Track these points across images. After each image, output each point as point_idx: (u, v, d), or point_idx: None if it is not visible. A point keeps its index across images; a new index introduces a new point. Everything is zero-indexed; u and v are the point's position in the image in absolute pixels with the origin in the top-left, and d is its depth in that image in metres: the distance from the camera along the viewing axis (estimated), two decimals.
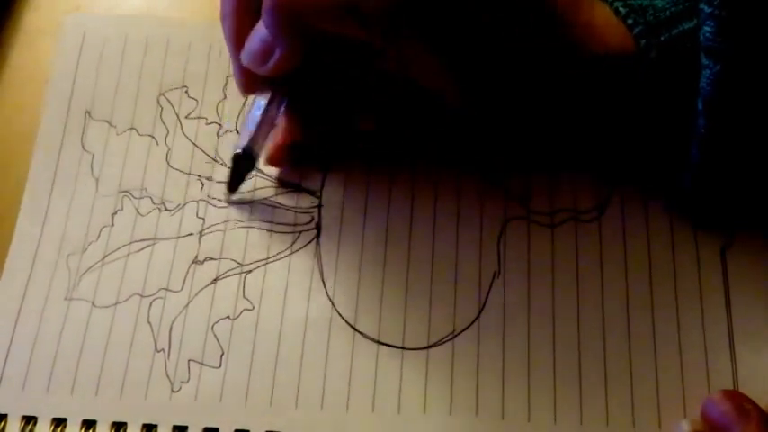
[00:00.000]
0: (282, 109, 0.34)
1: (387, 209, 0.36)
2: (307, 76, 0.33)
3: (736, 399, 0.31)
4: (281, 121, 0.35)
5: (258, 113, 0.33)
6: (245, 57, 0.32)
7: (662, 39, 0.30)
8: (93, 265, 0.36)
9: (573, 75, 0.31)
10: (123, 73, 0.40)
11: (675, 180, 0.33)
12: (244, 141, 0.34)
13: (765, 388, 0.32)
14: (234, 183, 0.36)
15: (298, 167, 0.37)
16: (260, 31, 0.31)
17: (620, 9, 0.31)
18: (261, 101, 0.34)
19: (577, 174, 0.36)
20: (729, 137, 0.30)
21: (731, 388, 0.32)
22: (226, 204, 0.37)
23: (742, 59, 0.28)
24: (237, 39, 0.33)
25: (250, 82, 0.34)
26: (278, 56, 0.31)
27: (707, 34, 0.29)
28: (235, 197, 0.37)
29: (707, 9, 0.28)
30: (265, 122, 0.34)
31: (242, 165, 0.35)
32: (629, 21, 0.31)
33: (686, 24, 0.30)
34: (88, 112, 0.39)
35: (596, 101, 0.32)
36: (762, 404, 0.31)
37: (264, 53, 0.31)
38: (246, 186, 0.37)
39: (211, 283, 0.35)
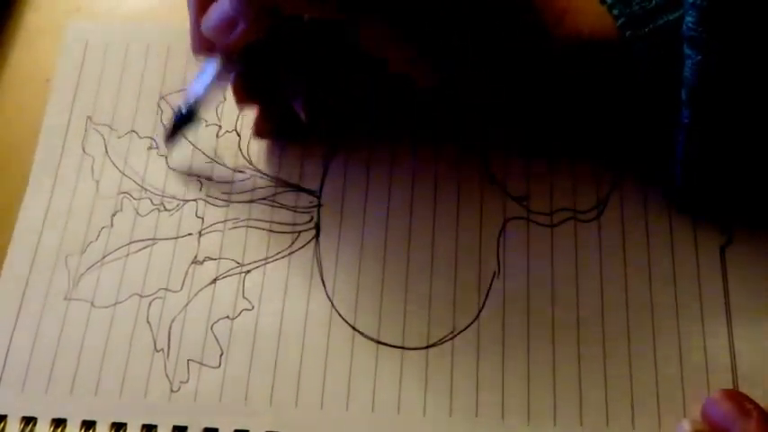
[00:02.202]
0: (233, 77, 0.35)
1: (386, 208, 0.36)
2: (268, 49, 0.34)
3: (737, 398, 0.31)
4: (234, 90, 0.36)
5: (208, 78, 0.34)
6: (205, 27, 0.33)
7: (646, 30, 0.30)
8: (92, 266, 0.36)
9: (547, 57, 0.32)
10: (124, 79, 0.40)
11: (667, 172, 0.33)
12: (190, 100, 0.35)
13: (765, 388, 0.32)
14: (172, 137, 0.37)
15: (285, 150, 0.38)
16: (222, 5, 0.32)
17: None
18: (209, 65, 0.34)
19: (577, 173, 0.36)
20: (714, 127, 0.30)
21: (731, 388, 0.32)
22: (225, 203, 0.37)
23: (723, 49, 0.28)
24: (200, 4, 0.33)
25: (206, 46, 0.34)
26: (240, 30, 0.31)
27: (689, 24, 0.29)
28: (171, 148, 0.38)
29: None
30: (214, 87, 0.34)
31: (184, 122, 0.36)
32: (615, 11, 0.31)
33: (671, 15, 0.30)
34: (89, 118, 0.39)
35: (581, 88, 0.32)
36: (762, 404, 0.31)
37: (225, 27, 0.32)
38: (245, 186, 0.37)
39: (211, 283, 0.35)
